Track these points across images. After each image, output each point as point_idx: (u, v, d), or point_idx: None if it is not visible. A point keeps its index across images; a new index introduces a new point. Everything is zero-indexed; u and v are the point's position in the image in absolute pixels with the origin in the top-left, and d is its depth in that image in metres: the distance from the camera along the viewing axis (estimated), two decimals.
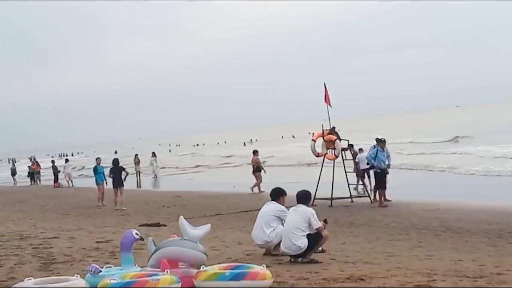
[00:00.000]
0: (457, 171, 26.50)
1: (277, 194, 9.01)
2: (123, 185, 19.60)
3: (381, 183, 16.93)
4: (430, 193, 19.57)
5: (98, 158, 22.89)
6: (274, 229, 8.62)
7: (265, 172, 23.40)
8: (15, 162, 70.19)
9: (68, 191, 30.58)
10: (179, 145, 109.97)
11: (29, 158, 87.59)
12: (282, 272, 7.23)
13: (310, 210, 8.22)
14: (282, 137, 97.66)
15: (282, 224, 8.57)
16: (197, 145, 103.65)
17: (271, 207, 8.86)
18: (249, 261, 7.69)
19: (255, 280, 6.11)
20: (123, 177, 19.76)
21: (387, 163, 17.03)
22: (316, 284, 6.58)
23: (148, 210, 18.20)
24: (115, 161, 20.42)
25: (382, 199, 16.82)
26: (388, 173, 17.06)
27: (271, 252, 8.73)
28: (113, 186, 19.59)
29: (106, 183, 21.08)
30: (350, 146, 20.53)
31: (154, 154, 38.06)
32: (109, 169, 20.44)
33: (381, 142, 17.12)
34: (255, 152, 24.12)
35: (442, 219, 13.40)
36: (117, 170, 19.91)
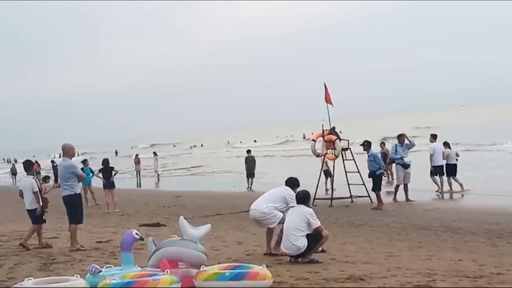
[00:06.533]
0: None
1: (293, 183, 9.03)
2: (114, 187, 18.63)
3: (398, 179, 17.36)
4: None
5: (85, 160, 22.76)
6: (274, 208, 8.63)
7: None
8: (16, 161, 70.08)
9: None
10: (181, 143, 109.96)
11: (7, 159, 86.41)
12: (282, 272, 7.24)
13: (308, 210, 8.24)
14: (277, 137, 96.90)
15: (283, 212, 8.58)
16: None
17: (282, 189, 8.95)
18: (249, 261, 7.70)
19: (255, 280, 6.12)
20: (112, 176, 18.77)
21: (405, 158, 17.14)
22: (316, 284, 6.59)
23: (148, 210, 18.16)
24: (105, 161, 19.22)
25: (397, 196, 17.20)
26: (397, 170, 17.29)
27: (271, 252, 8.75)
28: (104, 188, 18.76)
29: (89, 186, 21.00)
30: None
31: (155, 154, 38.53)
32: (99, 169, 19.55)
33: (399, 137, 17.43)
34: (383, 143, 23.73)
35: (442, 219, 13.39)
36: (107, 170, 18.78)
